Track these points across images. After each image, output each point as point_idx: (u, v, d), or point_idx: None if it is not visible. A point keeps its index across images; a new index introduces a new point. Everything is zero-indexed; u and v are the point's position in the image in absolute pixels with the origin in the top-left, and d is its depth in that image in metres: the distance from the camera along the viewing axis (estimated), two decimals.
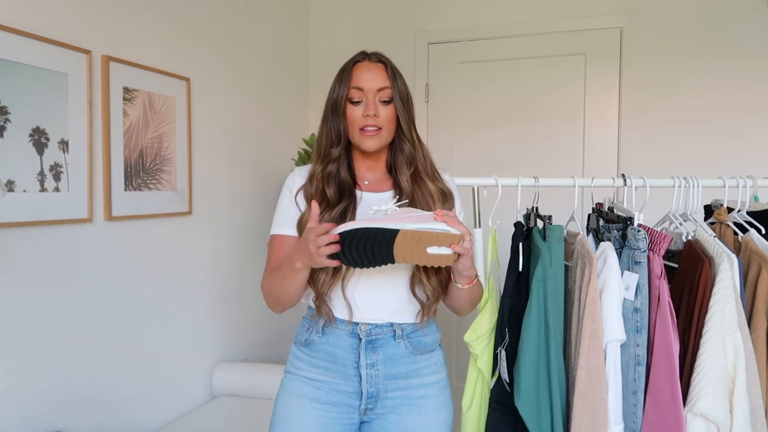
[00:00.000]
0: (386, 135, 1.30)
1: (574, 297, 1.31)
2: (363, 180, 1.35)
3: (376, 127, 1.27)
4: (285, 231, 1.33)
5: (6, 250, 1.53)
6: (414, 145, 1.33)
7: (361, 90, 1.27)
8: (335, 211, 1.26)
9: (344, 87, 1.29)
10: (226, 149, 2.43)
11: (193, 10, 2.21)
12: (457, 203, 1.36)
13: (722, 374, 1.17)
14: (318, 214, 1.17)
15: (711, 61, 2.56)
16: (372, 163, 1.36)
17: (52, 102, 1.63)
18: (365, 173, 1.36)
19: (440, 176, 1.37)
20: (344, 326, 1.28)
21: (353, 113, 1.28)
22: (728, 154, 2.55)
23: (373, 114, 1.26)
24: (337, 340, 1.29)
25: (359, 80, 1.28)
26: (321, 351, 1.30)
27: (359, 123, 1.28)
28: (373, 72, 1.28)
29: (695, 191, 1.45)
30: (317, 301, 1.27)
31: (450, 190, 1.35)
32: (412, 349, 1.29)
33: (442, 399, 1.33)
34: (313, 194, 1.30)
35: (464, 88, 2.93)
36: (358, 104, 1.28)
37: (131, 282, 1.94)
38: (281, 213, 1.35)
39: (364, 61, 1.31)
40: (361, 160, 1.35)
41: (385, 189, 1.34)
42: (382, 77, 1.28)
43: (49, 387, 1.66)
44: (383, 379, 1.28)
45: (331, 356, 1.29)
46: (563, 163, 2.78)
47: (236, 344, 2.50)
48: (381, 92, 1.28)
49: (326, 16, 3.11)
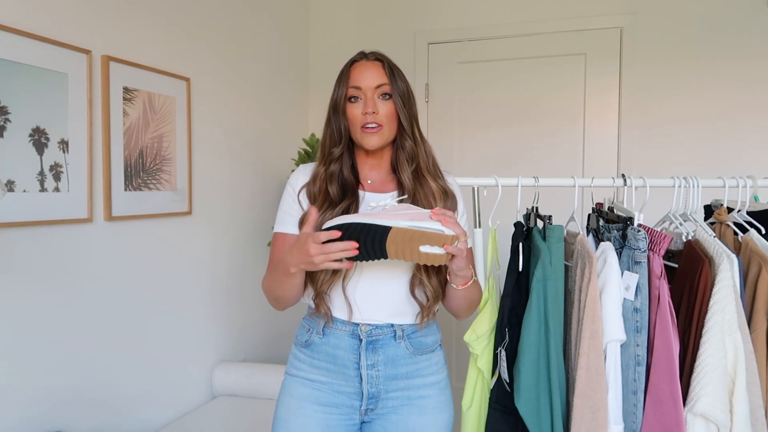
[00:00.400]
0: (387, 132, 1.29)
1: (574, 297, 1.31)
2: (366, 179, 1.35)
3: (377, 125, 1.27)
4: (287, 229, 1.33)
5: (6, 250, 1.53)
6: (416, 141, 1.33)
7: (359, 89, 1.28)
8: (337, 210, 1.26)
9: (343, 87, 1.29)
10: (226, 149, 2.43)
11: (193, 10, 2.21)
12: (459, 205, 1.36)
13: (722, 374, 1.17)
14: (315, 220, 1.17)
15: (711, 61, 2.56)
16: (375, 162, 1.35)
17: (52, 102, 1.63)
18: (369, 173, 1.36)
19: (443, 175, 1.36)
20: (344, 327, 1.28)
21: (353, 112, 1.28)
22: (728, 154, 2.55)
23: (372, 111, 1.26)
24: (338, 341, 1.29)
25: (357, 79, 1.28)
26: (321, 352, 1.30)
27: (360, 121, 1.27)
28: (370, 70, 1.29)
29: (695, 191, 1.45)
30: (316, 300, 1.27)
31: (452, 190, 1.35)
32: (413, 349, 1.29)
33: (443, 399, 1.33)
34: (315, 193, 1.31)
35: (464, 88, 2.93)
36: (357, 103, 1.28)
37: (131, 282, 1.94)
38: (283, 211, 1.35)
39: (361, 60, 1.31)
40: (365, 159, 1.35)
41: (389, 189, 1.34)
42: (380, 74, 1.28)
43: (49, 387, 1.66)
44: (384, 379, 1.28)
45: (331, 357, 1.29)
46: (563, 163, 2.78)
47: (236, 344, 2.50)
48: (379, 89, 1.28)
49: (326, 16, 3.11)
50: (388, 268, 1.26)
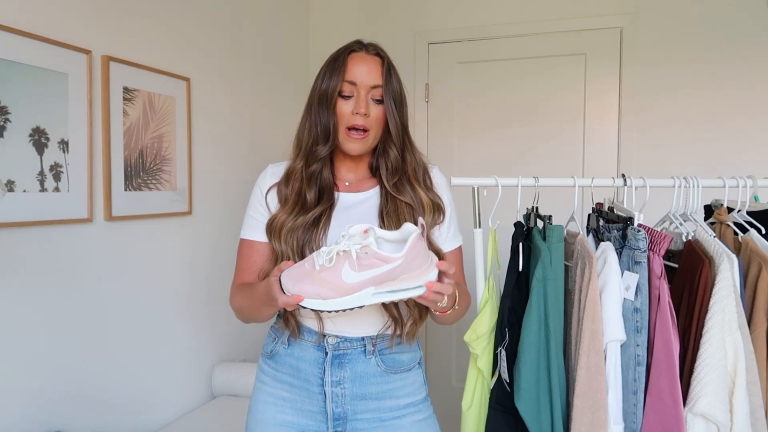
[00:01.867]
0: (372, 138, 1.21)
1: (574, 297, 1.31)
2: (343, 180, 1.27)
3: (364, 129, 1.19)
4: (254, 236, 1.25)
5: (6, 250, 1.53)
6: (404, 149, 1.24)
7: (354, 84, 1.18)
8: (309, 216, 1.18)
9: (336, 79, 1.18)
10: (226, 149, 2.43)
11: (193, 10, 2.21)
12: (445, 197, 1.29)
13: (722, 374, 1.17)
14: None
15: (711, 61, 2.56)
16: (353, 165, 1.28)
17: (52, 102, 1.63)
18: (346, 174, 1.28)
19: (431, 178, 1.28)
20: (311, 338, 1.20)
21: (343, 109, 1.19)
22: (728, 154, 2.55)
23: (363, 112, 1.18)
24: (302, 353, 1.20)
25: (353, 73, 1.18)
26: (285, 364, 1.22)
27: (347, 120, 1.19)
28: (369, 66, 1.19)
29: (695, 191, 1.45)
30: (285, 313, 1.20)
31: (440, 202, 1.27)
32: (385, 367, 1.19)
33: (420, 418, 1.23)
34: (288, 195, 1.22)
35: (464, 88, 2.93)
36: (348, 99, 1.19)
37: (131, 282, 1.94)
38: (250, 215, 1.27)
39: (360, 51, 1.21)
40: (343, 160, 1.27)
41: (366, 188, 1.27)
42: (377, 74, 1.19)
43: (49, 387, 1.66)
44: (350, 399, 1.18)
45: (295, 370, 1.20)
46: (563, 163, 2.78)
47: (236, 344, 2.50)
48: (374, 90, 1.19)
49: (326, 16, 3.11)
50: None
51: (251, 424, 1.25)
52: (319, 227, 1.19)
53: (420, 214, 1.21)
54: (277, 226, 1.20)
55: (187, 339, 2.21)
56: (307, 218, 1.18)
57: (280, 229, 1.20)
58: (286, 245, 1.18)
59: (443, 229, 1.29)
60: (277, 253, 1.20)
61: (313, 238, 1.18)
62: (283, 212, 1.21)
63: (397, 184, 1.23)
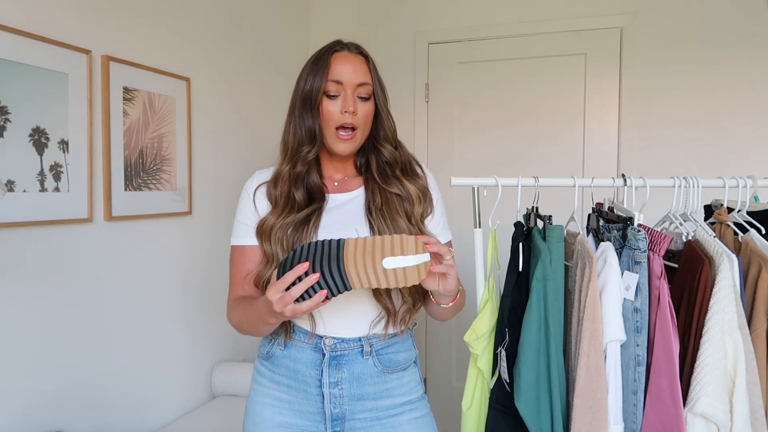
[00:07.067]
0: (360, 137, 1.20)
1: (574, 297, 1.31)
2: (332, 180, 1.27)
3: (352, 129, 1.18)
4: (244, 241, 1.24)
5: (6, 250, 1.53)
6: (393, 146, 1.24)
7: (340, 83, 1.16)
8: (300, 215, 1.18)
9: (320, 78, 1.16)
10: (226, 149, 2.43)
11: (193, 10, 2.21)
12: (434, 193, 1.28)
13: (722, 374, 1.17)
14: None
15: (711, 61, 2.57)
16: (341, 165, 1.28)
17: (52, 102, 1.63)
18: (333, 173, 1.28)
19: (419, 171, 1.28)
20: (307, 339, 1.19)
21: (330, 109, 1.17)
22: (728, 154, 2.55)
23: (353, 110, 1.16)
24: (299, 354, 1.19)
25: (338, 72, 1.16)
26: (282, 366, 1.21)
27: (336, 121, 1.17)
28: (354, 64, 1.17)
29: (695, 191, 1.45)
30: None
31: (426, 190, 1.26)
32: (382, 367, 1.20)
33: (417, 416, 1.23)
34: (277, 196, 1.21)
35: (464, 88, 2.93)
36: (334, 99, 1.17)
37: (131, 282, 1.94)
38: (239, 221, 1.26)
39: (343, 50, 1.20)
40: (329, 159, 1.26)
41: (354, 187, 1.26)
42: (363, 71, 1.18)
43: (49, 387, 1.66)
44: (348, 399, 1.18)
45: (292, 372, 1.20)
46: (563, 163, 2.78)
47: (236, 344, 2.50)
48: (360, 88, 1.18)
49: (326, 16, 3.11)
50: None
51: (249, 426, 1.25)
52: (309, 225, 1.18)
53: (409, 204, 1.21)
54: (267, 227, 1.20)
55: (187, 339, 2.21)
56: (297, 217, 1.17)
57: (270, 231, 1.19)
58: (277, 244, 1.18)
59: (434, 222, 1.30)
60: (268, 255, 1.20)
61: (303, 236, 1.18)
62: (272, 214, 1.21)
63: (387, 177, 1.23)
